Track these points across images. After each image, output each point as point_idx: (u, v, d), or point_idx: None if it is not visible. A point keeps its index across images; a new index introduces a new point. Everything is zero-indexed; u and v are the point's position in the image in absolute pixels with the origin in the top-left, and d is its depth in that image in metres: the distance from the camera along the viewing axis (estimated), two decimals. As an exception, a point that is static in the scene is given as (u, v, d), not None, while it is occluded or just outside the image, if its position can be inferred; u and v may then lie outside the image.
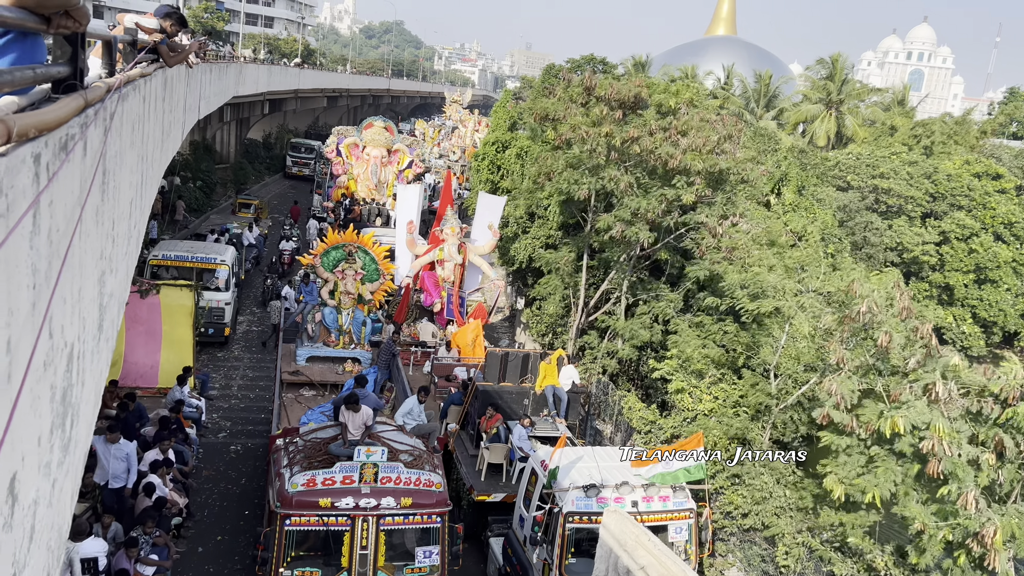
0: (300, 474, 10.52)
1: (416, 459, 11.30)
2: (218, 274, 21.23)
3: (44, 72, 3.21)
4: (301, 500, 10.16)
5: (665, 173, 18.79)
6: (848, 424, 11.85)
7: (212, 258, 21.38)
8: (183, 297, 16.25)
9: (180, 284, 16.57)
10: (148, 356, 16.01)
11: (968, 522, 10.32)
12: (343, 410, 11.65)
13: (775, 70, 58.83)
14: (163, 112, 9.47)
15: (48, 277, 2.65)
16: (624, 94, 19.54)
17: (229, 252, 22.33)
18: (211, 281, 20.87)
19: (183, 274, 19.78)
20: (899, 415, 11.19)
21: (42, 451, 2.78)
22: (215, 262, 21.28)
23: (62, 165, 2.78)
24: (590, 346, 20.88)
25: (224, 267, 21.32)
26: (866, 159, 34.40)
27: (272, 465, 11.77)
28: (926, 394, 11.27)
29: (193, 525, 13.43)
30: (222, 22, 60.01)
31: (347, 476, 10.45)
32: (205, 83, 20.39)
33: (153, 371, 16.16)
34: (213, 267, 21.20)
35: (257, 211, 34.80)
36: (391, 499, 10.36)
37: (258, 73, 40.94)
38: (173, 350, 16.11)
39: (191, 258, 20.98)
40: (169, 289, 16.20)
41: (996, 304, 30.76)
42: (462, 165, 46.71)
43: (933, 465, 10.75)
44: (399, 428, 12.77)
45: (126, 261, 6.05)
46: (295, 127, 64.73)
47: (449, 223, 22.74)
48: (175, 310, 16.10)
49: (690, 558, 11.80)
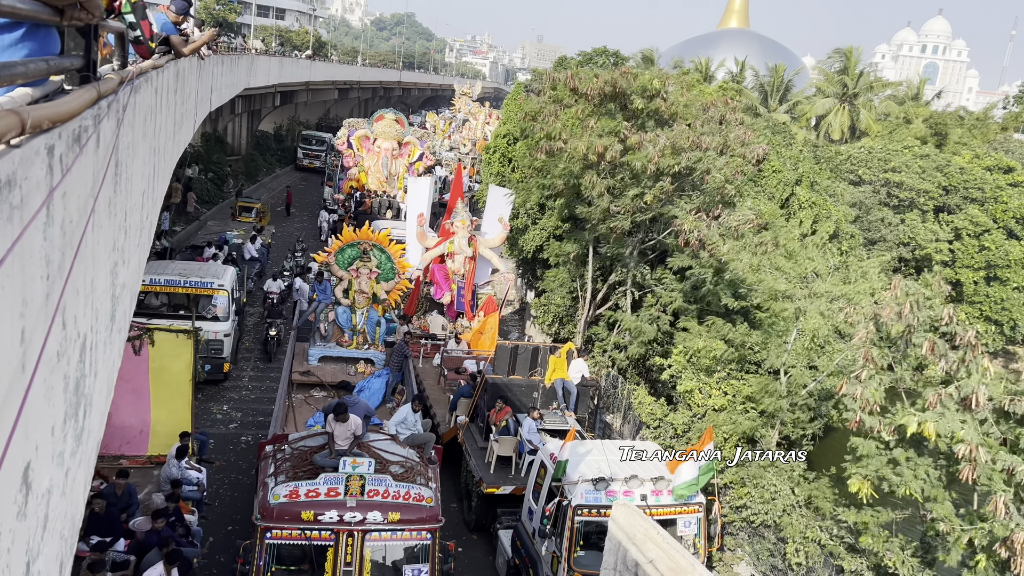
0: (282, 485, 10.07)
1: (407, 471, 10.80)
2: (216, 301, 18.25)
3: (57, 64, 3.22)
4: (283, 512, 9.70)
5: (635, 176, 18.67)
6: (876, 428, 11.73)
7: (208, 282, 18.26)
8: (179, 346, 12.96)
9: (176, 330, 13.20)
10: (136, 418, 13.04)
11: (997, 527, 10.24)
12: (330, 419, 11.09)
13: (788, 63, 58.41)
14: (175, 104, 9.51)
15: (61, 268, 2.66)
16: (602, 88, 19.28)
17: (228, 274, 19.14)
18: (208, 310, 18.18)
19: (175, 301, 17.93)
20: (930, 422, 11.03)
21: (56, 440, 2.80)
22: (212, 287, 18.20)
23: (76, 157, 2.80)
24: (598, 338, 20.87)
25: (222, 293, 18.27)
26: (878, 153, 34.19)
27: (259, 474, 11.33)
28: (963, 402, 11.10)
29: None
30: (234, 14, 60.10)
31: (332, 488, 9.98)
32: (217, 75, 20.45)
33: (143, 436, 13.19)
34: (210, 293, 18.19)
35: (259, 215, 32.57)
36: (378, 513, 9.86)
37: (269, 65, 41.00)
38: (167, 409, 13.13)
39: (184, 283, 17.98)
40: (163, 335, 12.91)
41: (1002, 303, 30.56)
42: (473, 158, 46.68)
43: (966, 471, 10.62)
44: (392, 438, 12.21)
45: (138, 252, 6.09)
46: (306, 119, 64.82)
47: (459, 216, 22.74)
48: (170, 361, 12.95)
49: (699, 552, 11.81)
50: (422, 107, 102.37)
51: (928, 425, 10.99)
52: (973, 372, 11.21)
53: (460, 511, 15.04)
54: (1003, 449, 10.86)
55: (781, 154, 27.58)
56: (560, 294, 22.66)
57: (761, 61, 60.76)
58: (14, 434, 2.09)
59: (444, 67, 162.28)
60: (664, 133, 18.54)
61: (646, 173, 18.13)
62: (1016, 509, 10.46)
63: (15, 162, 2.05)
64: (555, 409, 15.31)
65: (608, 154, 18.02)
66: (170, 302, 17.96)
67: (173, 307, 17.90)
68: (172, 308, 17.87)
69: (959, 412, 11.07)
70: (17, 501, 2.25)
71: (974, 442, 10.54)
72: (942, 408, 11.11)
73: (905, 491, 11.41)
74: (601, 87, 19.21)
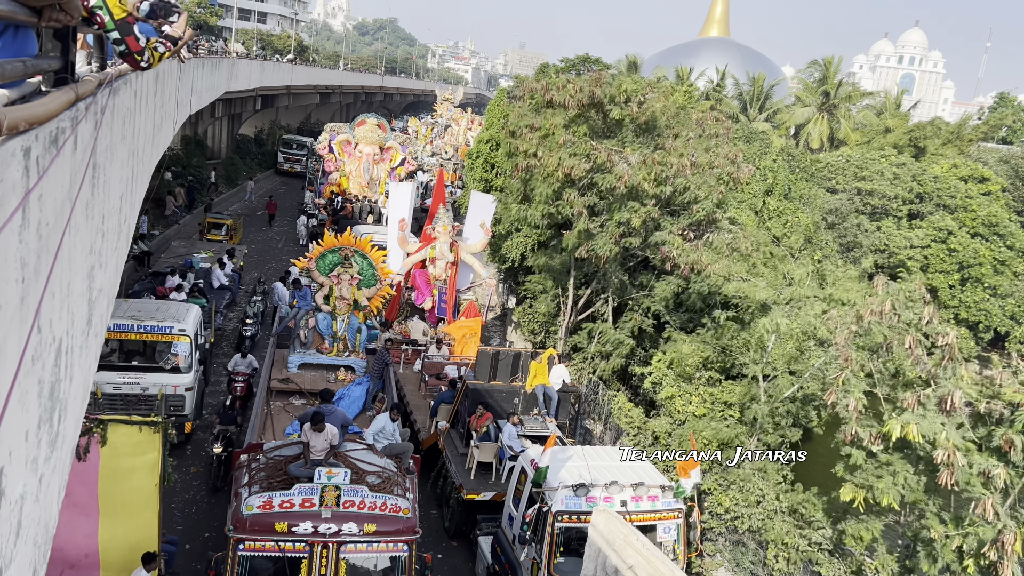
0: (256, 495, 9.85)
1: (384, 482, 10.62)
2: (176, 349, 15.52)
3: (35, 65, 3.19)
4: (256, 524, 9.50)
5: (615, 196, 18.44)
6: (867, 440, 11.82)
7: (167, 327, 15.43)
8: (143, 444, 9.56)
9: (139, 421, 9.64)
10: (81, 539, 9.79)
11: (984, 530, 10.35)
12: (306, 428, 10.84)
13: (768, 72, 59.07)
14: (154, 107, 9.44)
15: (37, 271, 2.63)
16: (580, 98, 19.08)
17: (191, 316, 16.22)
18: (166, 360, 15.52)
19: (128, 348, 15.55)
20: (912, 424, 11.14)
21: (29, 446, 2.77)
22: (171, 332, 15.44)
23: (52, 159, 2.77)
24: (580, 346, 20.91)
25: (184, 339, 15.49)
26: (854, 161, 34.72)
27: (233, 483, 11.04)
28: (940, 404, 11.22)
29: (195, 516, 12.83)
30: (215, 17, 59.80)
31: (307, 499, 9.79)
32: (197, 78, 20.32)
33: (90, 561, 9.88)
34: (169, 339, 15.48)
35: (230, 232, 30.17)
36: (353, 525, 9.67)
37: (250, 69, 40.81)
38: (125, 525, 9.79)
39: (138, 328, 15.27)
40: (120, 431, 9.45)
41: (976, 304, 30.97)
42: (455, 163, 46.71)
43: (944, 476, 10.73)
44: (369, 448, 11.99)
45: (116, 256, 6.03)
46: (287, 123, 64.54)
47: (441, 221, 22.73)
48: (129, 463, 9.59)
49: (678, 558, 11.85)
50: (404, 112, 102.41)
51: (911, 427, 11.10)
52: (950, 375, 11.36)
53: (440, 517, 14.99)
54: (980, 454, 11.00)
55: (757, 164, 27.85)
56: (543, 301, 22.69)
57: (742, 70, 61.34)
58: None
59: (426, 72, 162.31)
60: (640, 149, 18.33)
61: (616, 192, 17.86)
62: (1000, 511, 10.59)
63: (-10, 164, 2.03)
64: (536, 415, 15.31)
65: (574, 173, 17.80)
66: (122, 349, 15.48)
67: (126, 355, 15.51)
68: (124, 357, 15.48)
69: (937, 415, 11.20)
70: (-11, 507, 2.22)
71: (951, 446, 10.66)
72: (922, 410, 11.23)
73: (887, 500, 11.51)
74: (579, 97, 19.08)
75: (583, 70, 33.42)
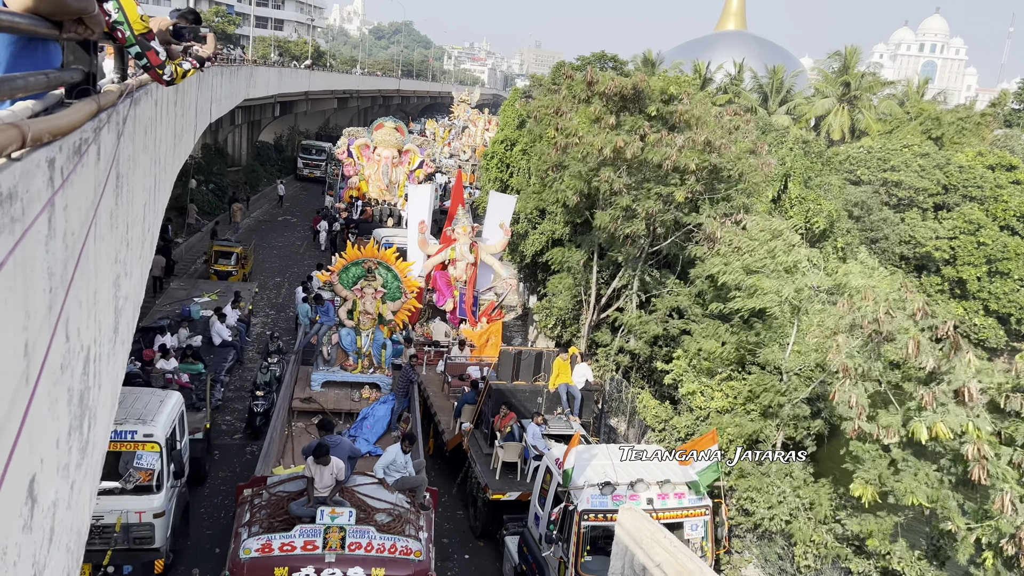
0: (255, 537, 9.30)
1: (394, 520, 9.99)
2: (141, 459, 11.41)
3: (57, 77, 3.23)
4: (254, 568, 8.94)
5: (659, 174, 18.78)
6: (874, 433, 11.69)
7: (128, 432, 11.34)
8: None
9: None
10: None
11: (1004, 524, 10.21)
12: (309, 463, 10.05)
13: (786, 64, 58.49)
14: (175, 116, 9.53)
15: (63, 280, 2.67)
16: (623, 87, 19.51)
17: (165, 411, 12.10)
18: (127, 477, 11.33)
19: None
20: (939, 423, 10.96)
21: (60, 453, 2.80)
22: (133, 439, 11.37)
23: (76, 169, 2.80)
24: (602, 343, 20.85)
25: (152, 447, 11.44)
26: (877, 152, 34.19)
27: (235, 520, 10.44)
28: (956, 397, 11.03)
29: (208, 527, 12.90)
30: (233, 26, 60.40)
31: (309, 541, 9.20)
32: (216, 86, 20.52)
33: None
34: (131, 447, 11.39)
35: (240, 261, 26.60)
36: (359, 569, 9.10)
37: (269, 75, 41.16)
38: None
39: None
40: None
41: (1006, 296, 30.45)
42: (473, 164, 46.79)
43: (977, 471, 10.52)
44: (380, 482, 11.08)
45: (140, 264, 6.09)
46: (306, 129, 64.99)
47: (460, 222, 22.76)
48: None
49: (706, 555, 11.78)
50: (421, 115, 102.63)
51: (939, 426, 10.90)
52: (957, 365, 11.18)
53: (466, 518, 15.02)
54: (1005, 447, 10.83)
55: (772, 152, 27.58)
56: (564, 298, 22.65)
57: (760, 63, 60.83)
58: (18, 446, 2.09)
59: (443, 74, 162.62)
60: (683, 135, 18.73)
61: (663, 170, 18.22)
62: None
63: (16, 175, 2.05)
64: (559, 414, 15.30)
65: (629, 151, 18.02)
66: None
67: None
68: None
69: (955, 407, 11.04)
70: (23, 514, 2.25)
71: (983, 437, 10.50)
72: (942, 407, 11.06)
73: (912, 500, 11.32)
74: (622, 87, 19.42)
75: (601, 68, 33.36)
